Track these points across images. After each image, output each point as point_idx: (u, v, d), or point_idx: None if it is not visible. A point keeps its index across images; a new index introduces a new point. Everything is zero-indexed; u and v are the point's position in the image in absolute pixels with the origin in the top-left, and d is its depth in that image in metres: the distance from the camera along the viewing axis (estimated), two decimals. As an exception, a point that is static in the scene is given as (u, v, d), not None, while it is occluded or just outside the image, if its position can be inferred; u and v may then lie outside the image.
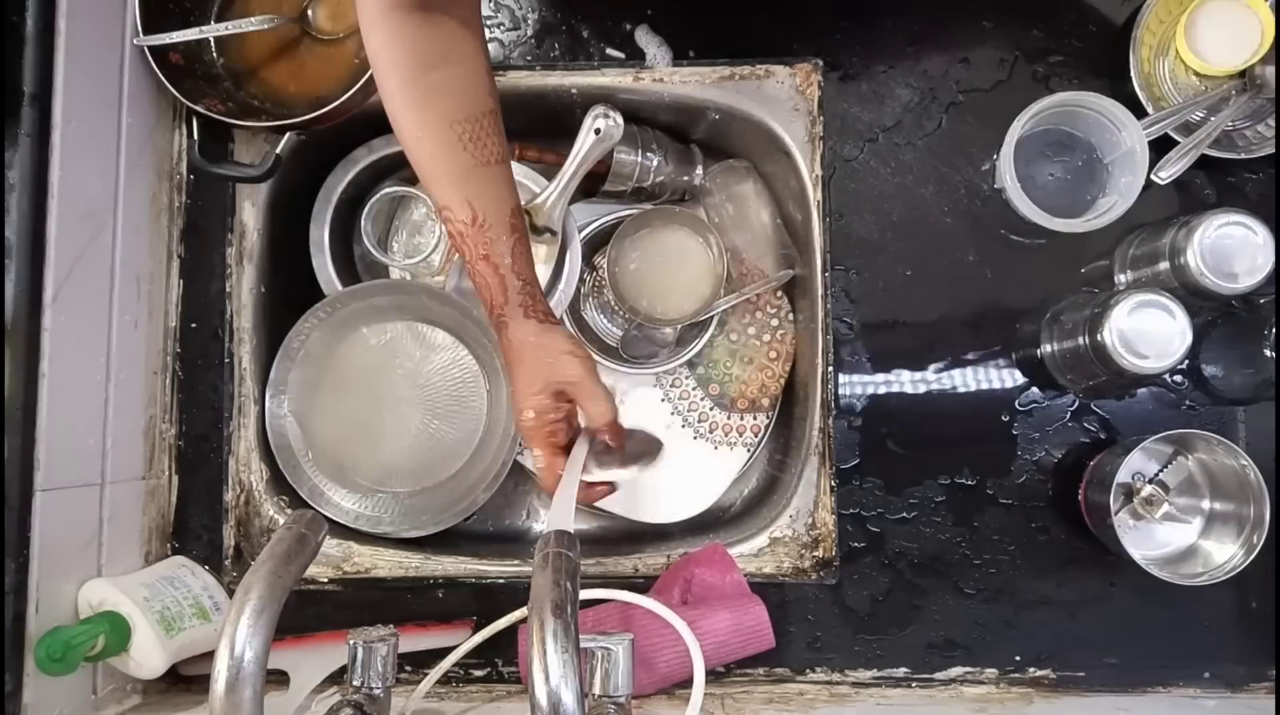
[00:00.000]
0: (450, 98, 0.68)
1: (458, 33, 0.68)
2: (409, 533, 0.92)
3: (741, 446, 0.99)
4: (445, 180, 0.69)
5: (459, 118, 0.68)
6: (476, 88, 0.70)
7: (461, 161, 0.69)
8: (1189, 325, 0.78)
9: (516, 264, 0.71)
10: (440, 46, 0.67)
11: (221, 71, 0.92)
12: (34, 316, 0.75)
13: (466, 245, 0.71)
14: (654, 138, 0.96)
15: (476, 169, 0.69)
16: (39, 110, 0.75)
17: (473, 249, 0.71)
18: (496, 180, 0.71)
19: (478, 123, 0.69)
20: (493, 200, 0.70)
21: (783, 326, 0.99)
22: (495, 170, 0.70)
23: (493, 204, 0.70)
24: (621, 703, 0.64)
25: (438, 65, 0.67)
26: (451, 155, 0.68)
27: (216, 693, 0.51)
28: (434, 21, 0.66)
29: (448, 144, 0.68)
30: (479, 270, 0.72)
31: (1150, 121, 0.84)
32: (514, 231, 0.71)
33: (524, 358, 0.74)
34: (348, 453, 0.95)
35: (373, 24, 0.66)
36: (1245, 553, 0.80)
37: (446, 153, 0.68)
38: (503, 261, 0.71)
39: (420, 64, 0.67)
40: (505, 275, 0.71)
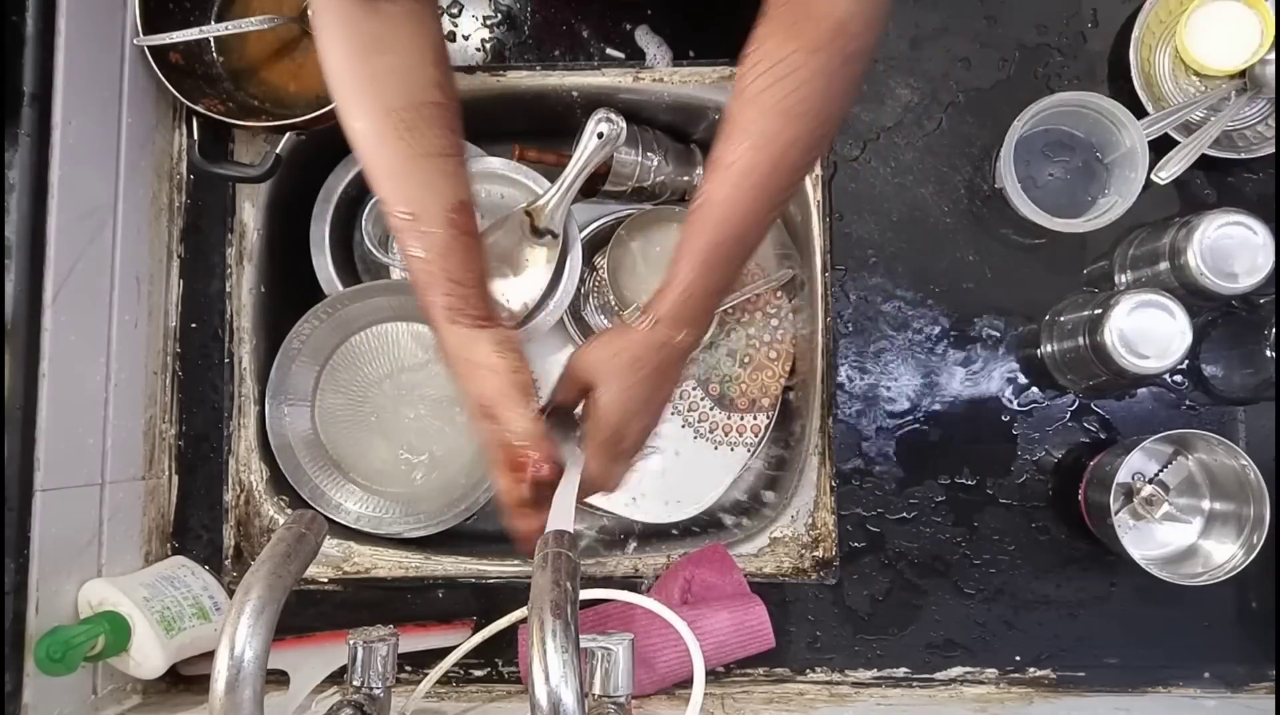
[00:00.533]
0: (389, 85, 0.66)
1: (404, 20, 0.66)
2: (409, 533, 0.92)
3: (742, 446, 0.99)
4: (382, 171, 0.67)
5: (396, 105, 0.65)
6: (420, 77, 0.67)
7: (397, 150, 0.66)
8: (1189, 325, 0.78)
9: (449, 263, 0.67)
10: (383, 32, 0.65)
11: (221, 71, 0.92)
12: (34, 316, 0.75)
13: (400, 239, 0.68)
14: (654, 138, 0.96)
15: (414, 159, 0.66)
16: (39, 110, 0.75)
17: (405, 244, 0.68)
18: (437, 173, 0.67)
19: (418, 112, 0.66)
20: (430, 193, 0.67)
21: (783, 326, 0.99)
22: (435, 162, 0.67)
23: (429, 197, 0.67)
24: (621, 703, 0.64)
25: (378, 52, 0.65)
26: (387, 144, 0.66)
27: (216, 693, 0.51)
28: (379, 9, 0.65)
29: (384, 132, 0.66)
30: (410, 268, 0.69)
31: (1150, 121, 0.84)
32: (451, 227, 0.67)
33: (454, 372, 0.70)
34: (348, 453, 0.95)
35: (318, 9, 0.65)
36: (1245, 553, 0.80)
37: (383, 141, 0.66)
38: (433, 260, 0.67)
39: (361, 49, 0.65)
40: (434, 273, 0.67)
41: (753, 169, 0.62)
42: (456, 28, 0.95)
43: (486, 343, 0.69)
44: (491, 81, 0.94)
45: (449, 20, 0.95)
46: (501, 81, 0.94)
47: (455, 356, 0.70)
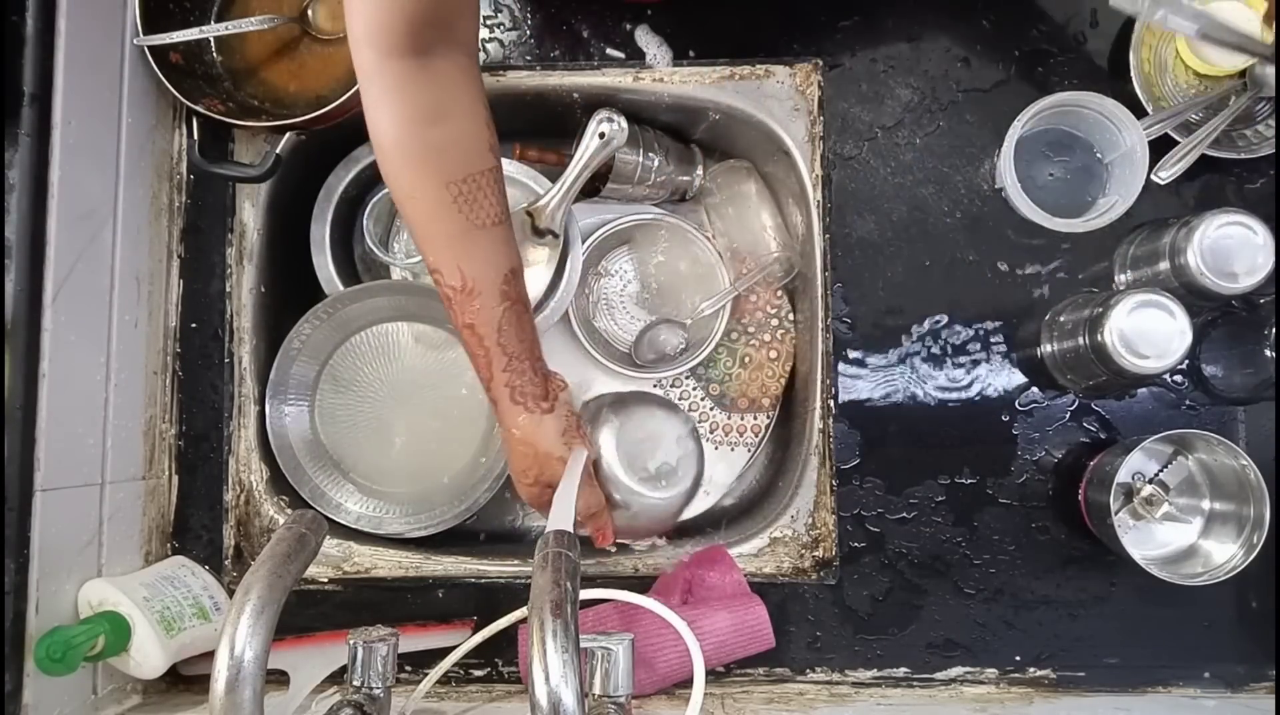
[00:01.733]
0: (448, 157, 0.65)
1: (458, 82, 0.64)
2: (410, 533, 0.92)
3: (742, 446, 0.99)
4: (437, 242, 0.66)
5: (455, 178, 0.65)
6: (477, 145, 0.66)
7: (455, 224, 0.65)
8: (1189, 325, 0.78)
9: (504, 337, 0.68)
10: (439, 99, 0.63)
11: (221, 71, 0.92)
12: (34, 316, 0.75)
13: (454, 310, 0.68)
14: (655, 138, 0.97)
15: (470, 232, 0.66)
16: (39, 110, 0.75)
17: (459, 316, 0.68)
18: (491, 243, 0.67)
19: (474, 182, 0.65)
20: (485, 265, 0.67)
21: (783, 326, 0.99)
22: (491, 233, 0.67)
23: (484, 269, 0.67)
24: (621, 703, 0.64)
25: (437, 121, 0.64)
26: (444, 217, 0.65)
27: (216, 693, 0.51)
28: (432, 69, 0.62)
29: (441, 205, 0.65)
30: (464, 338, 0.70)
31: (1150, 121, 0.84)
32: (505, 299, 0.68)
33: (512, 448, 0.73)
34: (348, 453, 0.95)
35: (370, 75, 0.62)
36: (1245, 553, 0.80)
37: (439, 214, 0.65)
38: (489, 333, 0.68)
39: (419, 119, 0.63)
40: (490, 348, 0.69)
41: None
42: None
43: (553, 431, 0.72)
44: (491, 81, 0.94)
45: (449, 20, 0.95)
46: (501, 81, 0.94)
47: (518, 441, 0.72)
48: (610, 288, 1.01)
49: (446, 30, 0.62)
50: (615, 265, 1.01)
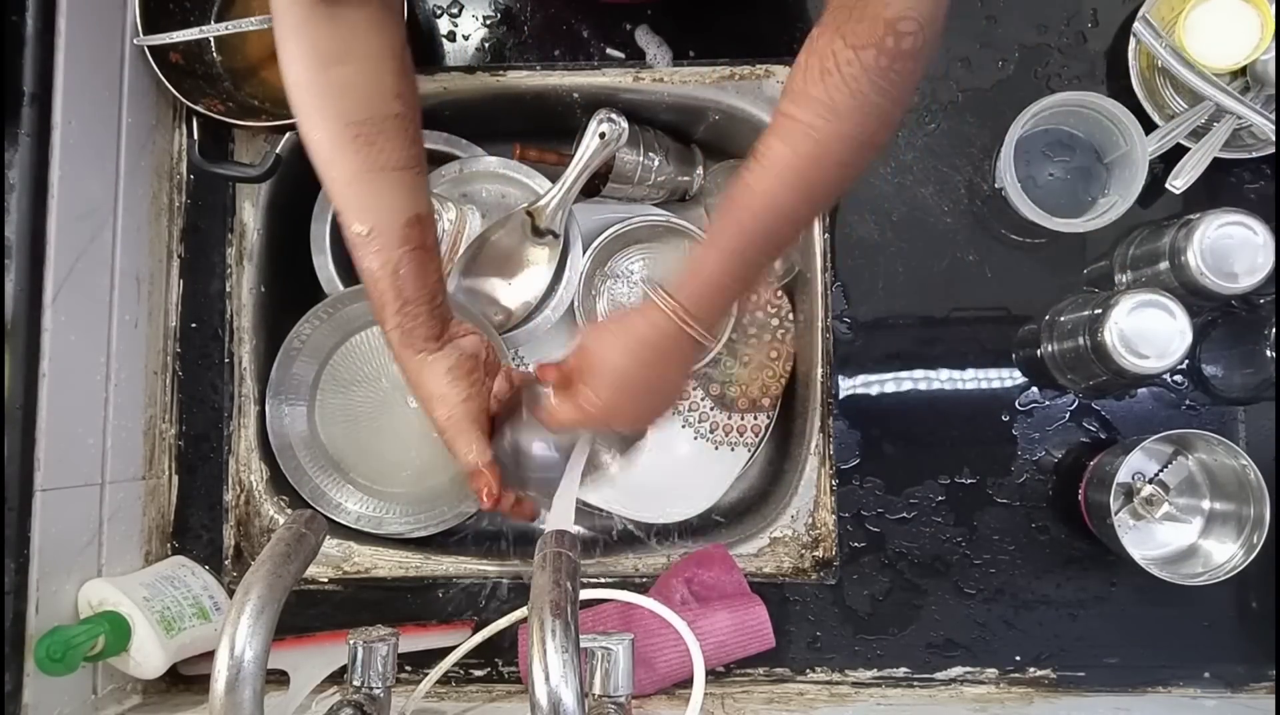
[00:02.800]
0: (349, 97, 0.65)
1: (366, 29, 0.65)
2: (410, 533, 0.92)
3: (742, 446, 0.99)
4: (338, 184, 0.66)
5: (355, 118, 0.64)
6: (379, 88, 0.66)
7: (354, 164, 0.65)
8: (1189, 325, 0.78)
9: (401, 280, 0.67)
10: (343, 42, 0.64)
11: (221, 71, 0.92)
12: (34, 316, 0.75)
13: (355, 253, 0.68)
14: (655, 138, 0.96)
15: (370, 173, 0.66)
16: (39, 110, 0.75)
17: (358, 259, 0.68)
18: (393, 187, 0.67)
19: (376, 125, 0.65)
20: (385, 209, 0.66)
21: (783, 326, 0.99)
22: (393, 176, 0.66)
23: (384, 213, 0.66)
24: (621, 703, 0.64)
25: (337, 62, 0.64)
26: (344, 157, 0.65)
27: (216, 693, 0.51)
28: (339, 16, 0.63)
29: (341, 145, 0.65)
30: (364, 282, 0.69)
31: (1158, 135, 0.84)
32: (405, 243, 0.67)
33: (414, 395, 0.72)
34: (349, 453, 0.95)
35: (278, 18, 0.64)
36: (1245, 553, 0.80)
37: (339, 154, 0.65)
38: (385, 276, 0.67)
39: (320, 60, 0.64)
40: (384, 292, 0.68)
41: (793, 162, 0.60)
42: (456, 28, 0.95)
43: (438, 369, 0.70)
44: (491, 81, 0.94)
45: (449, 20, 0.95)
46: (501, 81, 0.94)
47: (410, 381, 0.71)
48: (618, 289, 1.01)
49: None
50: (623, 266, 1.01)
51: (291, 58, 0.64)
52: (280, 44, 0.64)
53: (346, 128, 0.64)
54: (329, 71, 0.64)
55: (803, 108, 0.59)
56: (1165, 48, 0.84)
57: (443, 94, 0.94)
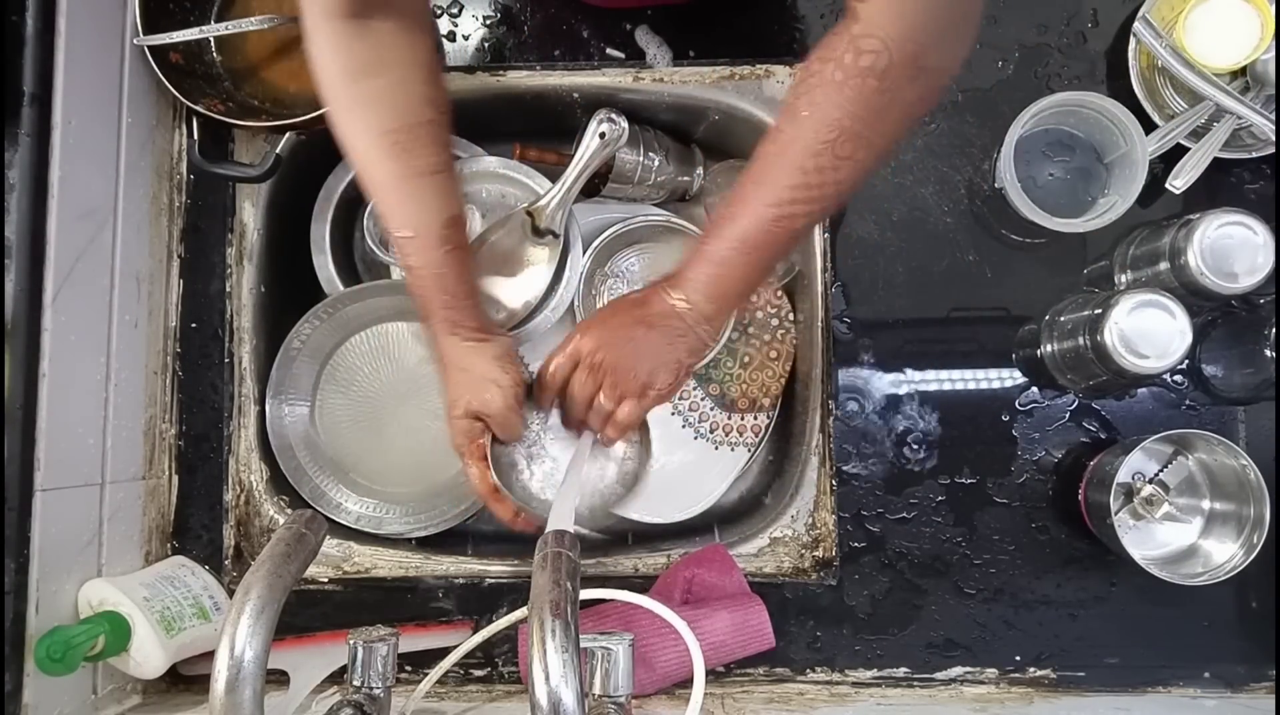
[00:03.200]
0: (382, 107, 0.67)
1: (396, 39, 0.67)
2: (410, 533, 0.92)
3: (742, 446, 0.99)
4: (379, 191, 0.70)
5: (390, 127, 0.67)
6: (412, 96, 0.68)
7: (391, 171, 0.68)
8: (1189, 325, 0.78)
9: (446, 278, 0.71)
10: (374, 54, 0.66)
11: (221, 71, 0.92)
12: (34, 316, 0.75)
13: (400, 253, 0.72)
14: (655, 138, 0.96)
15: (408, 180, 0.69)
16: (39, 110, 0.75)
17: (404, 257, 0.72)
18: (430, 191, 0.70)
19: (411, 133, 0.68)
20: (424, 212, 0.70)
21: (783, 326, 0.99)
22: (429, 181, 0.69)
23: (424, 215, 0.70)
24: (621, 703, 0.64)
25: (371, 74, 0.66)
26: (381, 165, 0.68)
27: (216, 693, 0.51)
28: (371, 28, 0.66)
29: (378, 153, 0.68)
30: (409, 279, 0.73)
31: (1158, 135, 0.84)
32: (444, 243, 0.71)
33: (449, 377, 0.75)
34: (349, 453, 0.95)
35: (312, 31, 0.66)
36: (1245, 553, 0.80)
37: (377, 162, 0.68)
38: (430, 274, 0.71)
39: (353, 72, 0.66)
40: (430, 288, 0.71)
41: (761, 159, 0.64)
42: (456, 28, 0.95)
43: (488, 357, 0.74)
44: (491, 81, 0.94)
45: (449, 20, 0.95)
46: (501, 81, 0.94)
47: (454, 366, 0.74)
48: (618, 289, 1.01)
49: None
50: (623, 266, 1.01)
51: (326, 71, 0.67)
52: (314, 59, 0.67)
53: (383, 136, 0.67)
54: (362, 83, 0.67)
55: (780, 110, 0.64)
56: (1165, 48, 0.84)
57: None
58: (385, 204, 0.70)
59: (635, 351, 0.73)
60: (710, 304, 0.70)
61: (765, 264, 0.69)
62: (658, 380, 0.74)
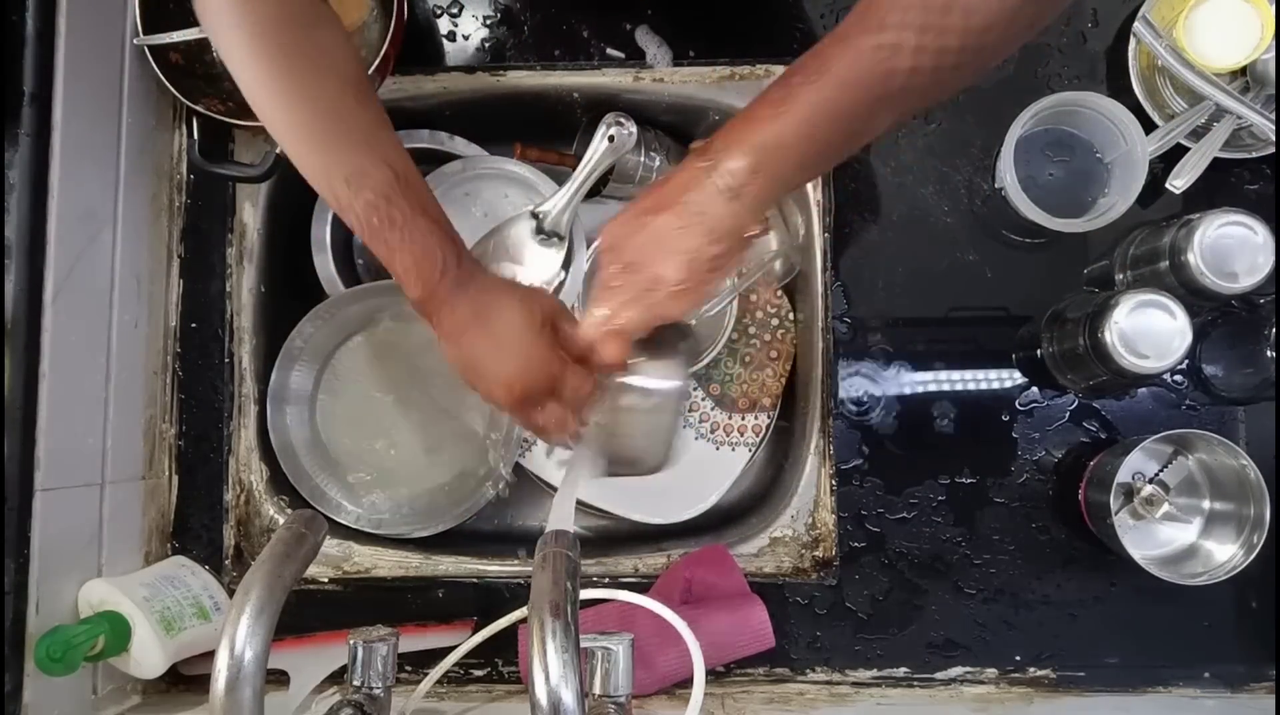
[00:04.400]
0: (339, 55, 0.65)
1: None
2: (410, 533, 0.92)
3: (743, 446, 0.99)
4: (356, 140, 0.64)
5: (351, 76, 0.64)
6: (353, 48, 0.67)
7: (367, 119, 0.64)
8: (1189, 325, 0.78)
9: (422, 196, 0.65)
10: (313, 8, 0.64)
11: (221, 71, 0.92)
12: (34, 316, 0.75)
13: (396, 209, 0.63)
14: (656, 138, 0.97)
15: (383, 127, 0.65)
16: (39, 110, 0.75)
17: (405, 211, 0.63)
18: (398, 141, 0.67)
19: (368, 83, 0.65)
20: (404, 157, 0.65)
21: (783, 326, 0.99)
22: (392, 132, 0.67)
23: (407, 160, 0.65)
24: (621, 703, 0.64)
25: (317, 25, 0.64)
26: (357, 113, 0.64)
27: (216, 693, 0.51)
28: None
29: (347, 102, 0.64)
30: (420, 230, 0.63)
31: (1158, 135, 0.84)
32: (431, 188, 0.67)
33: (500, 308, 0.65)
34: (350, 454, 0.95)
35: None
36: (1245, 553, 0.79)
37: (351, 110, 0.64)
38: (440, 215, 0.65)
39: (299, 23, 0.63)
40: (448, 229, 0.66)
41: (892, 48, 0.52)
42: (456, 28, 0.95)
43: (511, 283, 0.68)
44: (491, 81, 0.94)
45: (449, 20, 0.95)
46: (501, 81, 0.94)
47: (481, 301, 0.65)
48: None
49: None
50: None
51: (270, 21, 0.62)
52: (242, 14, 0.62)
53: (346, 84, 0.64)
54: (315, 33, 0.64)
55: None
56: (1165, 47, 0.84)
57: (443, 94, 0.94)
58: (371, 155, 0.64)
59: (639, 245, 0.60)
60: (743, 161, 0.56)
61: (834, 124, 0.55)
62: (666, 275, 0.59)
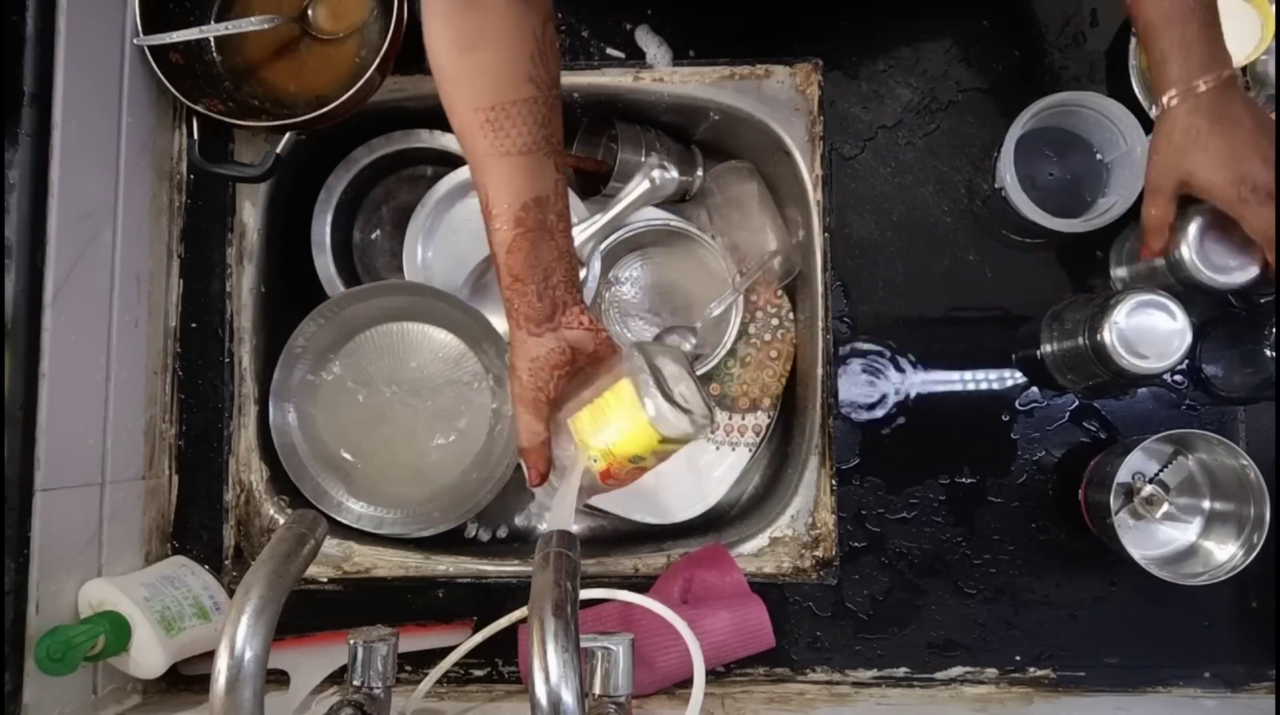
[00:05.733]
0: (481, 82, 0.68)
1: (504, 14, 0.68)
2: (411, 533, 0.92)
3: (743, 446, 0.99)
4: (471, 163, 0.70)
5: (483, 104, 0.68)
6: (512, 73, 0.69)
7: (479, 147, 0.69)
8: (1189, 325, 0.78)
9: (511, 259, 0.70)
10: (479, 27, 0.68)
11: (221, 71, 0.92)
12: (34, 316, 0.75)
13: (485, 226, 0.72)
14: (656, 138, 0.97)
15: (492, 157, 0.69)
16: (39, 110, 0.75)
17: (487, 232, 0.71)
18: (514, 171, 0.70)
19: (503, 110, 0.68)
20: (504, 190, 0.69)
21: (783, 326, 0.99)
22: (516, 161, 0.69)
23: (502, 193, 0.69)
24: (621, 703, 0.64)
25: (475, 47, 0.68)
26: (471, 140, 0.69)
27: (216, 693, 0.51)
28: (478, 4, 0.67)
29: (470, 129, 0.69)
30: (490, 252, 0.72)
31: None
32: (519, 225, 0.70)
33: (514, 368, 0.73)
34: (351, 453, 0.95)
35: (426, 6, 0.68)
36: (1245, 553, 0.80)
37: (468, 137, 0.69)
38: (500, 253, 0.71)
39: (459, 44, 0.68)
40: (499, 267, 0.71)
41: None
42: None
43: (528, 352, 0.72)
44: (491, 81, 0.94)
45: (449, 20, 0.95)
46: (501, 81, 0.94)
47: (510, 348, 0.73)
48: (623, 295, 1.01)
49: None
50: (626, 272, 1.01)
51: (434, 43, 0.69)
52: (426, 32, 0.69)
53: (476, 113, 0.68)
54: (466, 57, 0.68)
55: None
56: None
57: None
58: (476, 178, 0.71)
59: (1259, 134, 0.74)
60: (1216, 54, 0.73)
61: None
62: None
